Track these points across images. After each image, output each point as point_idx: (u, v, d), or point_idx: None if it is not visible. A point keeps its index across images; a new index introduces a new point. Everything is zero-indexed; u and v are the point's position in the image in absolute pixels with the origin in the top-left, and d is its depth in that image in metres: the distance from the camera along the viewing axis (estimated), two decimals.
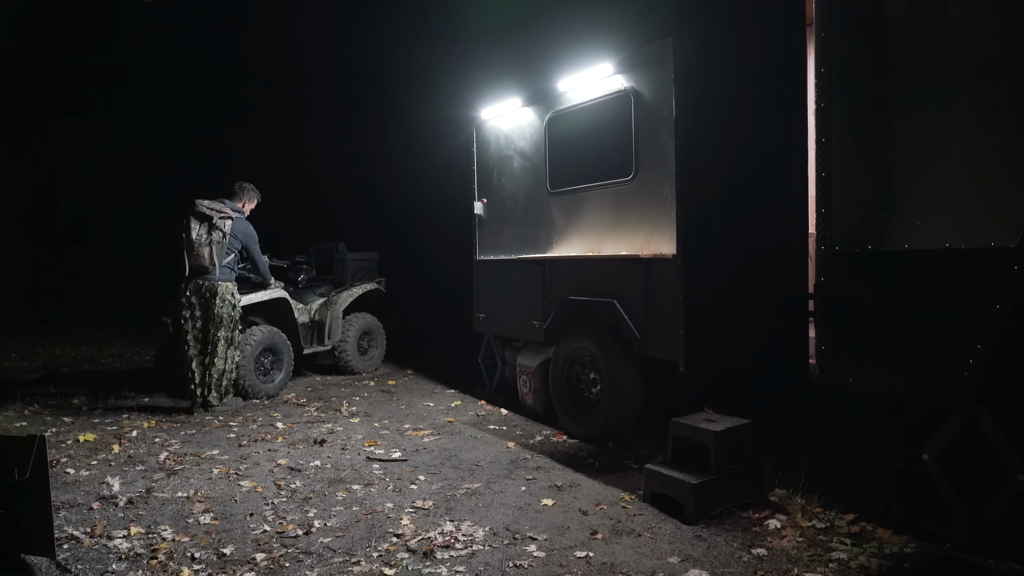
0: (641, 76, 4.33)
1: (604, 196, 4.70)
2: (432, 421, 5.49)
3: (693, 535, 3.14)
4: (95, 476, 4.16)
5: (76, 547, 3.14)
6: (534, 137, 5.39)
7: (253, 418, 5.66)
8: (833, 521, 3.19)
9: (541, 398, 5.41)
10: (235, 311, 5.82)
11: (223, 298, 5.71)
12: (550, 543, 3.09)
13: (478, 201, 6.18)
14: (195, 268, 5.66)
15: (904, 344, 2.87)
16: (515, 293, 5.66)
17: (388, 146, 12.14)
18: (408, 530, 3.25)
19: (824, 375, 3.17)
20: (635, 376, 4.53)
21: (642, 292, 4.32)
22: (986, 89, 2.65)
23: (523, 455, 4.49)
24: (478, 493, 3.77)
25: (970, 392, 2.67)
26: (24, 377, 7.80)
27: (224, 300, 5.72)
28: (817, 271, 3.19)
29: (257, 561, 2.97)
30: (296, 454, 4.59)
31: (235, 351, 5.89)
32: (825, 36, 3.12)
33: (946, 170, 2.76)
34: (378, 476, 4.10)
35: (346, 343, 7.66)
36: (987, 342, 2.60)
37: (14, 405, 6.05)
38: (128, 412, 5.89)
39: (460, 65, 6.57)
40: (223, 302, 5.71)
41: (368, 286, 7.94)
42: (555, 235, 5.17)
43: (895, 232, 2.90)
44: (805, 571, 2.74)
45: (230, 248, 5.79)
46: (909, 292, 2.85)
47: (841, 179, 3.09)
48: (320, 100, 13.68)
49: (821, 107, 3.14)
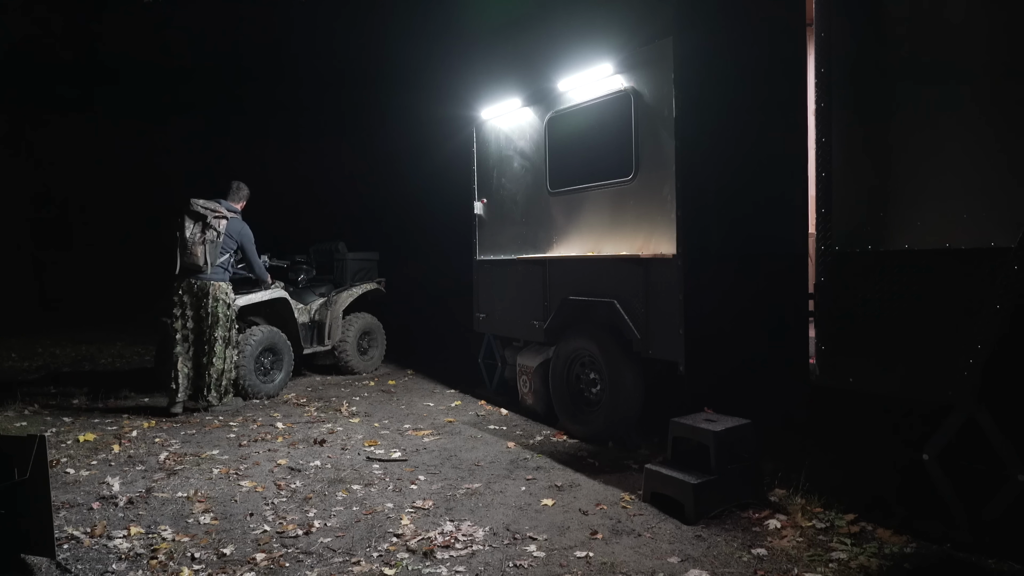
0: (641, 76, 4.32)
1: (604, 196, 4.70)
2: (432, 421, 5.49)
3: (693, 535, 3.14)
4: (95, 476, 4.16)
5: (76, 547, 3.14)
6: (534, 137, 5.38)
7: (253, 418, 5.66)
8: (833, 521, 3.19)
9: (541, 398, 5.41)
10: (230, 310, 5.82)
11: (216, 297, 5.72)
12: (550, 543, 3.09)
13: (478, 201, 6.18)
14: (187, 267, 5.66)
15: (904, 344, 2.87)
16: (515, 293, 5.66)
17: (388, 146, 12.14)
18: (408, 530, 3.25)
19: (824, 375, 3.17)
20: (635, 376, 4.53)
21: (642, 292, 4.32)
22: (986, 89, 2.65)
23: (523, 455, 4.49)
24: (478, 493, 3.77)
25: (970, 392, 2.67)
26: (24, 377, 7.80)
27: (218, 299, 5.73)
28: (817, 271, 3.19)
29: (257, 561, 2.97)
30: (296, 454, 4.59)
31: (233, 350, 5.89)
32: (825, 36, 3.12)
33: (946, 170, 2.76)
34: (378, 476, 4.10)
35: (346, 343, 7.66)
36: (987, 342, 2.60)
37: (14, 405, 6.05)
38: (128, 412, 5.89)
39: (460, 65, 6.55)
40: (216, 301, 5.72)
41: (368, 286, 7.94)
42: (555, 235, 5.17)
43: (895, 232, 2.90)
44: (805, 571, 2.74)
45: (225, 248, 5.79)
46: (909, 292, 2.85)
47: (841, 179, 3.09)
48: (320, 100, 13.69)
49: (821, 107, 3.14)
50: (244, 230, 5.96)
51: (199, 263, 5.61)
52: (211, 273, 5.70)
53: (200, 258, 5.60)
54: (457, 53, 7.58)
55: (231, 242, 5.84)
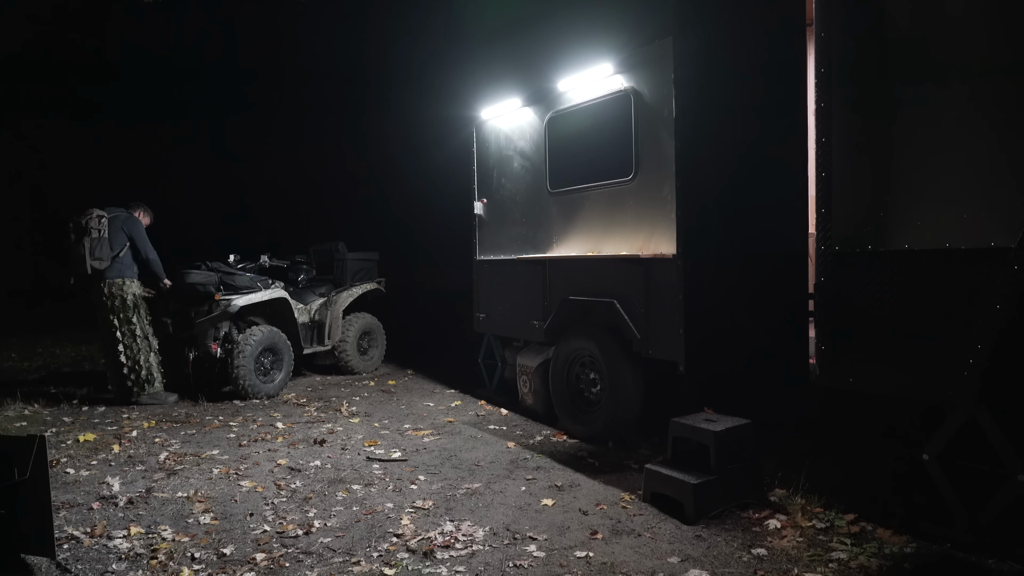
0: (641, 76, 4.32)
1: (604, 196, 4.70)
2: (432, 421, 5.49)
3: (693, 535, 3.14)
4: (95, 476, 4.16)
5: (76, 547, 3.14)
6: (534, 137, 5.38)
7: (253, 418, 5.66)
8: (833, 521, 3.19)
9: (541, 398, 5.41)
10: (127, 303, 6.05)
11: (112, 293, 5.99)
12: (550, 543, 3.09)
13: (478, 201, 6.18)
14: (80, 275, 5.94)
15: (904, 344, 2.87)
16: (515, 293, 5.66)
17: (388, 146, 12.14)
18: (408, 530, 3.25)
19: (824, 375, 3.17)
20: (635, 376, 4.53)
21: (642, 292, 4.32)
22: (986, 89, 2.65)
23: (523, 455, 4.49)
24: (478, 493, 3.77)
25: (970, 392, 2.67)
26: (24, 377, 7.81)
27: (113, 295, 6.00)
28: (817, 271, 3.19)
29: (257, 561, 2.97)
30: (296, 454, 4.59)
31: (145, 342, 6.11)
32: (825, 36, 3.12)
33: (946, 170, 2.76)
34: (378, 476, 4.10)
35: (346, 343, 7.66)
36: (987, 342, 2.60)
37: (14, 405, 6.05)
38: (128, 412, 5.89)
39: (460, 65, 6.55)
40: (112, 297, 6.00)
41: (368, 286, 7.94)
42: (555, 235, 5.17)
43: (895, 232, 2.90)
44: (805, 571, 2.74)
45: (115, 242, 6.01)
46: (909, 292, 2.85)
47: (841, 179, 3.09)
48: (320, 100, 13.69)
49: (821, 107, 3.14)
50: (131, 220, 6.18)
51: (86, 268, 5.87)
52: (108, 270, 5.97)
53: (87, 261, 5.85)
54: (457, 53, 7.58)
55: (121, 236, 6.06)
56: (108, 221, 5.98)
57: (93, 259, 5.85)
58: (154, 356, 6.18)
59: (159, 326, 6.40)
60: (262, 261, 7.00)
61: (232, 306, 6.31)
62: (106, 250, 5.92)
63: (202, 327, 6.39)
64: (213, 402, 6.28)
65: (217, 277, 6.42)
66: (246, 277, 6.61)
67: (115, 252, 5.99)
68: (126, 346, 6.04)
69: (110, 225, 5.98)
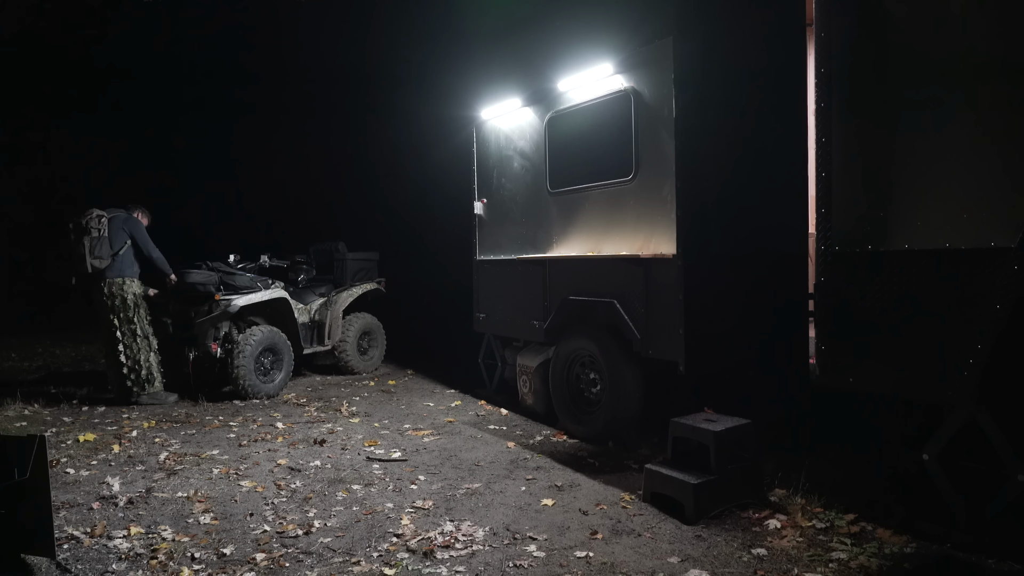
0: (641, 76, 4.32)
1: (604, 196, 4.70)
2: (432, 421, 5.49)
3: (693, 535, 3.14)
4: (95, 476, 4.16)
5: (76, 547, 3.14)
6: (534, 137, 5.39)
7: (253, 418, 5.66)
8: (833, 521, 3.19)
9: (541, 398, 5.41)
10: (127, 303, 6.06)
11: (112, 292, 6.01)
12: (550, 543, 3.09)
13: (478, 201, 6.18)
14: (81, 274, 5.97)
15: (904, 344, 2.87)
16: (515, 293, 5.66)
17: (388, 146, 12.14)
18: (408, 530, 3.25)
19: (824, 375, 3.17)
20: (635, 376, 4.53)
21: (642, 292, 4.32)
22: (986, 89, 2.65)
23: (523, 455, 4.49)
24: (478, 493, 3.77)
25: (970, 392, 2.67)
26: (24, 377, 7.81)
27: (113, 294, 6.01)
28: (817, 271, 3.19)
29: (257, 561, 2.97)
30: (296, 454, 4.59)
31: (145, 342, 6.13)
32: (825, 36, 3.12)
33: (946, 170, 2.76)
34: (378, 476, 4.10)
35: (346, 343, 7.66)
36: (987, 342, 2.60)
37: (14, 405, 6.05)
38: (128, 412, 5.89)
39: (460, 65, 6.56)
40: (112, 296, 6.01)
41: (368, 286, 7.94)
42: (555, 235, 5.17)
43: (895, 232, 2.90)
44: (805, 571, 2.74)
45: (115, 241, 6.04)
46: (909, 292, 2.85)
47: (841, 179, 3.09)
48: (320, 100, 13.69)
49: (821, 107, 3.14)
50: (131, 219, 6.20)
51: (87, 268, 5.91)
52: (108, 269, 6.00)
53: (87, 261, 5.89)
54: (457, 53, 7.59)
55: (122, 235, 6.08)
56: (108, 221, 6.00)
57: (93, 258, 5.89)
58: (154, 356, 6.19)
59: (159, 326, 6.40)
60: (262, 261, 7.01)
61: (232, 306, 6.32)
62: (106, 249, 5.95)
63: (202, 327, 6.39)
64: (213, 402, 6.28)
65: (217, 277, 6.42)
66: (246, 277, 6.61)
67: (115, 251, 6.01)
68: (126, 346, 6.05)
69: (110, 225, 6.01)
